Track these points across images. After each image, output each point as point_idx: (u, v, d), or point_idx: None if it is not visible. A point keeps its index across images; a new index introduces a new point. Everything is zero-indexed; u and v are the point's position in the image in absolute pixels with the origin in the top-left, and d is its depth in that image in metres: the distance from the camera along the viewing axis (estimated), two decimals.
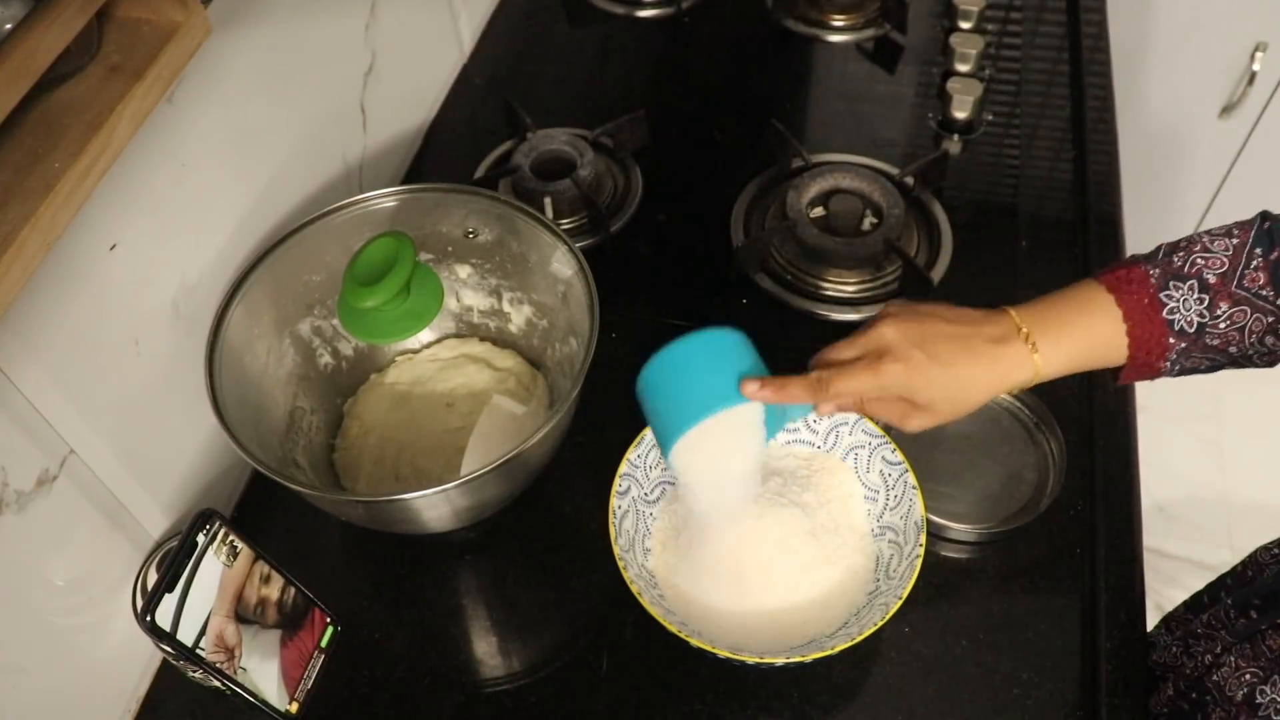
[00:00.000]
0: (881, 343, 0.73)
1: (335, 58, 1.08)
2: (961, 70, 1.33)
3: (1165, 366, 0.75)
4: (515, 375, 1.04)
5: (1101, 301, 0.74)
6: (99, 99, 0.68)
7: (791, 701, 0.85)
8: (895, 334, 0.73)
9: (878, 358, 0.72)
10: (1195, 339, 0.73)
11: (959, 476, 0.98)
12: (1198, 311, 0.73)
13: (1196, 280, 0.73)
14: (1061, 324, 0.74)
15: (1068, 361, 0.74)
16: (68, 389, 0.75)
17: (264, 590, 0.82)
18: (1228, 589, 0.94)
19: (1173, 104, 1.89)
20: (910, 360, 0.72)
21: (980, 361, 0.73)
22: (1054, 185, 1.25)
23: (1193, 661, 0.89)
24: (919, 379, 0.72)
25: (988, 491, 0.96)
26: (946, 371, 0.72)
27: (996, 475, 0.98)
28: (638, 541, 0.88)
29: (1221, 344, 0.74)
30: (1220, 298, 0.73)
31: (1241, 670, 0.81)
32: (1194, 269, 0.73)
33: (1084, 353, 0.74)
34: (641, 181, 1.24)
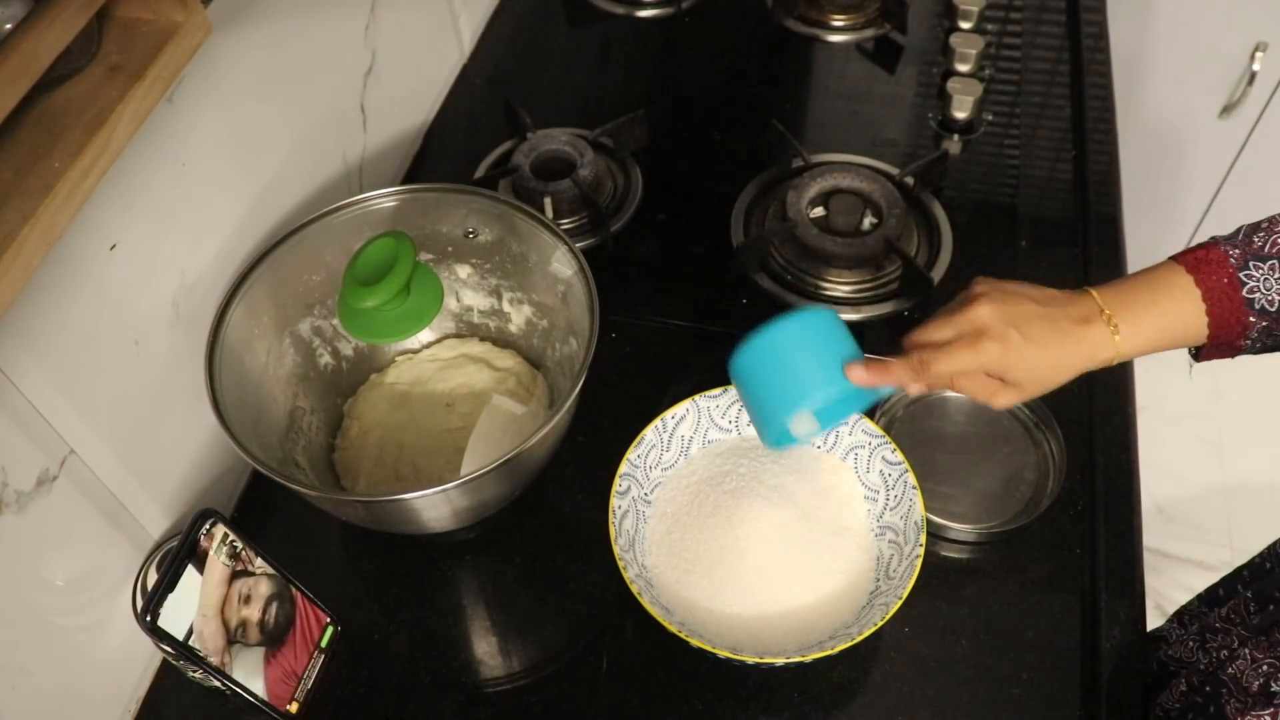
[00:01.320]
0: (978, 323, 0.74)
1: (335, 58, 1.08)
2: (961, 70, 1.33)
3: (1245, 345, 0.76)
4: (515, 375, 1.04)
5: (1181, 283, 0.75)
6: (99, 99, 0.68)
7: (792, 702, 0.85)
8: (991, 314, 0.74)
9: (975, 338, 0.74)
10: (1277, 317, 0.74)
11: (959, 476, 0.97)
12: (1278, 290, 0.73)
13: (1278, 260, 0.74)
14: (1142, 304, 0.75)
15: (1148, 342, 0.75)
16: (68, 389, 0.75)
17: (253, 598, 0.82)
18: (1245, 582, 0.94)
19: (1173, 104, 1.89)
20: (1007, 340, 0.73)
21: (1067, 342, 0.74)
22: (1054, 185, 1.24)
23: (1208, 657, 0.89)
24: (1013, 358, 0.74)
25: (988, 491, 0.96)
26: (1039, 352, 0.74)
27: (996, 475, 0.98)
28: (638, 542, 0.88)
29: None
30: None
31: (1259, 662, 0.81)
32: (1274, 248, 0.74)
33: (1164, 333, 0.75)
34: (641, 181, 1.23)
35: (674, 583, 0.87)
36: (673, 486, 0.92)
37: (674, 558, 0.88)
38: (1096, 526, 0.93)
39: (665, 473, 0.93)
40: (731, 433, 0.95)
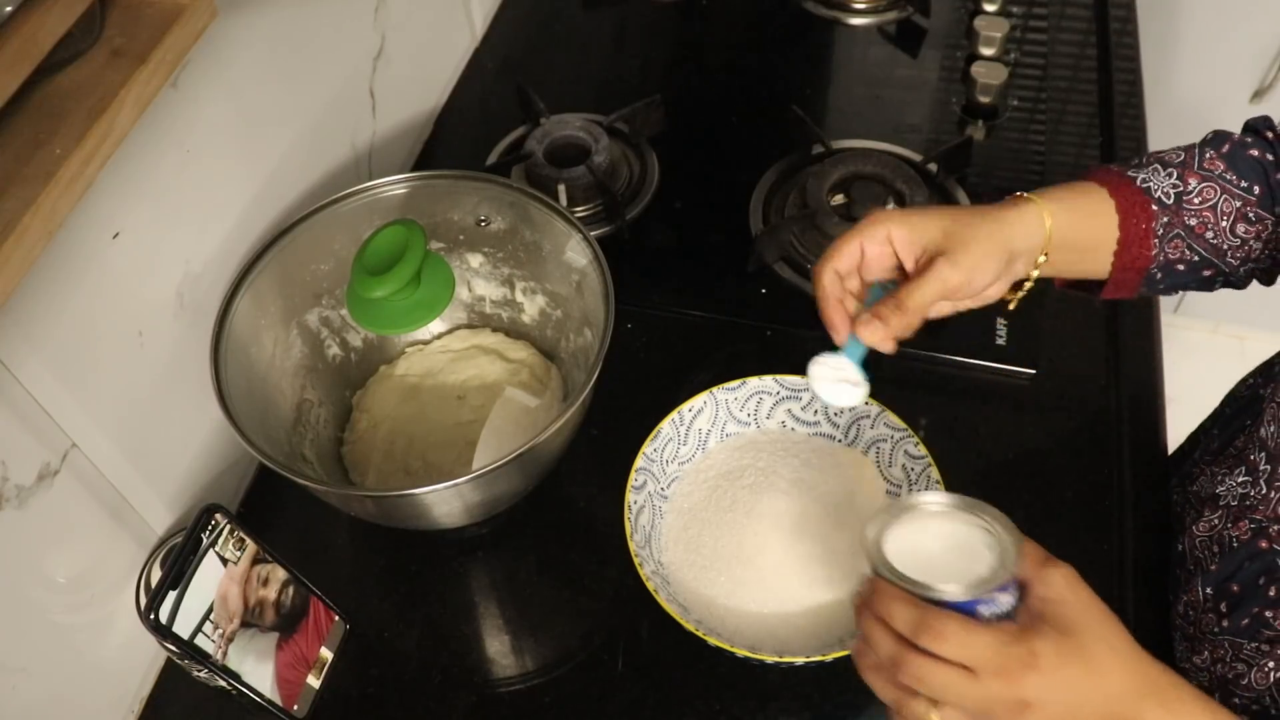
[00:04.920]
0: (884, 213, 0.76)
1: (344, 41, 1.07)
2: (986, 54, 1.31)
3: (1154, 245, 0.80)
4: (528, 367, 1.03)
5: (1085, 185, 0.81)
6: (101, 84, 0.68)
7: (812, 701, 0.84)
8: (893, 210, 0.77)
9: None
10: (1175, 211, 0.80)
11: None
12: (1170, 184, 0.80)
13: (1159, 163, 0.81)
14: (1054, 191, 0.80)
15: (1069, 224, 0.79)
16: (69, 381, 0.75)
17: (262, 591, 0.81)
18: (1210, 423, 0.99)
19: (1203, 88, 1.87)
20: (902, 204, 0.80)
21: (1002, 221, 0.76)
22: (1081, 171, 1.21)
23: (1181, 496, 0.92)
24: (919, 218, 0.76)
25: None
26: (973, 215, 0.76)
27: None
28: (654, 537, 0.87)
29: (1199, 226, 0.80)
30: (1188, 174, 0.80)
31: (1214, 474, 0.85)
32: (1152, 158, 0.82)
33: (1083, 217, 0.80)
34: (658, 168, 1.22)
35: (691, 580, 0.86)
36: (690, 481, 0.92)
37: (691, 554, 0.87)
38: (1125, 523, 0.92)
39: (682, 467, 0.92)
40: (750, 426, 0.94)
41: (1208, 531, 0.82)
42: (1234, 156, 0.80)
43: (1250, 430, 0.82)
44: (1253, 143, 0.81)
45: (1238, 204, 0.80)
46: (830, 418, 0.92)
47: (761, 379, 0.92)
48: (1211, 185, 0.80)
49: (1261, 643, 0.75)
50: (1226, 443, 0.88)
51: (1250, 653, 0.76)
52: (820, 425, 0.93)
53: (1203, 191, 0.80)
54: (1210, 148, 0.81)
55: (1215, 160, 0.80)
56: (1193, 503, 0.88)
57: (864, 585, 0.63)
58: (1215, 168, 0.80)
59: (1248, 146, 0.81)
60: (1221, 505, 0.82)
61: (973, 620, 0.58)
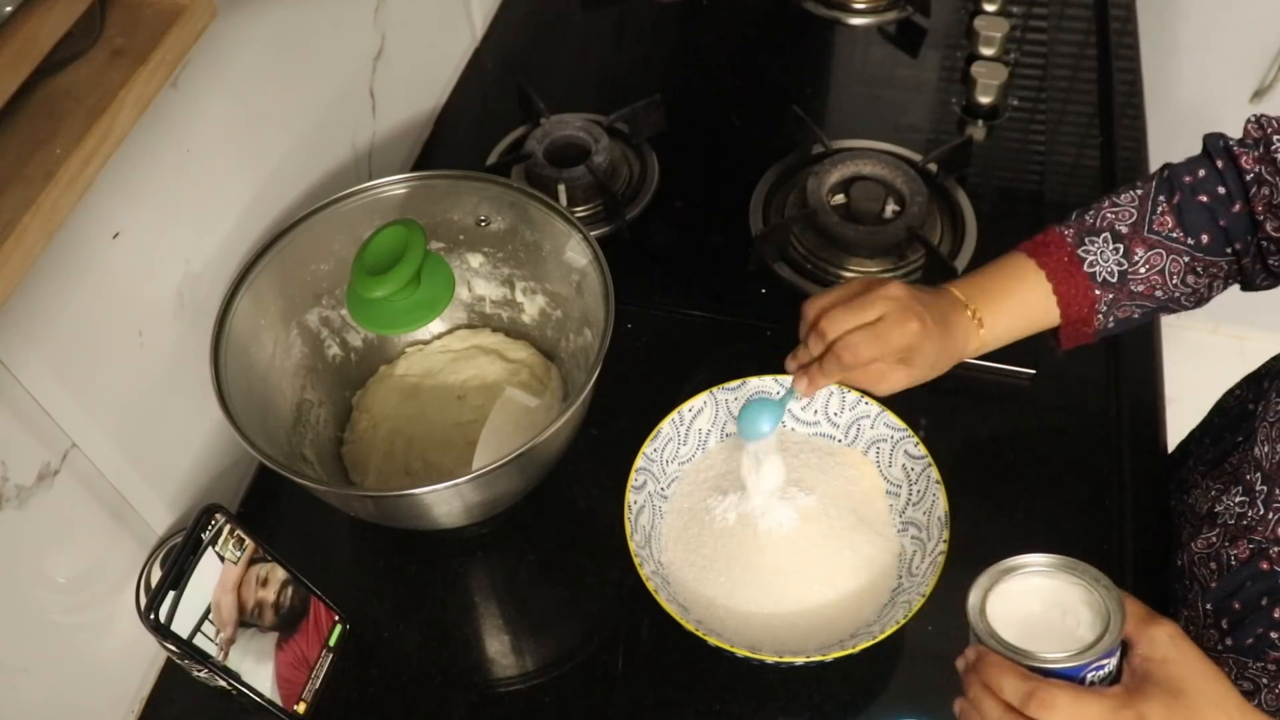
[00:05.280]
0: (901, 300, 0.78)
1: (344, 41, 1.07)
2: (986, 54, 1.31)
3: (1098, 320, 0.83)
4: (528, 367, 1.03)
5: (1028, 268, 0.83)
6: (101, 84, 0.68)
7: (812, 702, 0.84)
8: (905, 293, 0.78)
9: (902, 316, 0.77)
10: (1120, 287, 0.82)
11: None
12: (1115, 261, 0.82)
13: (1109, 232, 0.82)
14: (998, 293, 0.82)
15: (1008, 329, 0.82)
16: (69, 381, 0.74)
17: (261, 592, 0.81)
18: (1199, 435, 1.00)
19: (1203, 88, 1.87)
20: (924, 320, 0.77)
21: (949, 331, 0.80)
22: (1081, 172, 1.23)
23: (1178, 504, 0.92)
24: (926, 337, 0.78)
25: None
26: (941, 335, 0.79)
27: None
28: (654, 537, 0.87)
29: (1146, 289, 0.82)
30: (1135, 244, 0.81)
31: (1209, 488, 0.86)
32: (1105, 223, 0.83)
33: (1021, 318, 0.83)
34: (658, 168, 1.22)
35: (691, 580, 0.86)
36: (690, 481, 0.91)
37: (691, 554, 0.87)
38: (1125, 524, 0.92)
39: (682, 467, 0.92)
40: None
41: (1206, 549, 0.82)
42: (1183, 209, 0.81)
43: (1244, 448, 0.82)
44: (1205, 179, 0.81)
45: (1185, 259, 0.82)
46: (830, 417, 0.92)
47: (761, 379, 0.92)
48: (1158, 251, 0.81)
49: (1268, 663, 0.75)
50: (1220, 457, 0.88)
51: (1256, 672, 0.75)
52: (820, 425, 0.93)
53: (1149, 259, 0.81)
54: (1163, 196, 0.82)
55: (1165, 216, 0.81)
56: (1189, 517, 0.88)
57: (969, 651, 0.64)
58: (1164, 226, 0.81)
59: (1199, 190, 0.81)
60: (1219, 524, 0.82)
61: (1080, 688, 0.59)
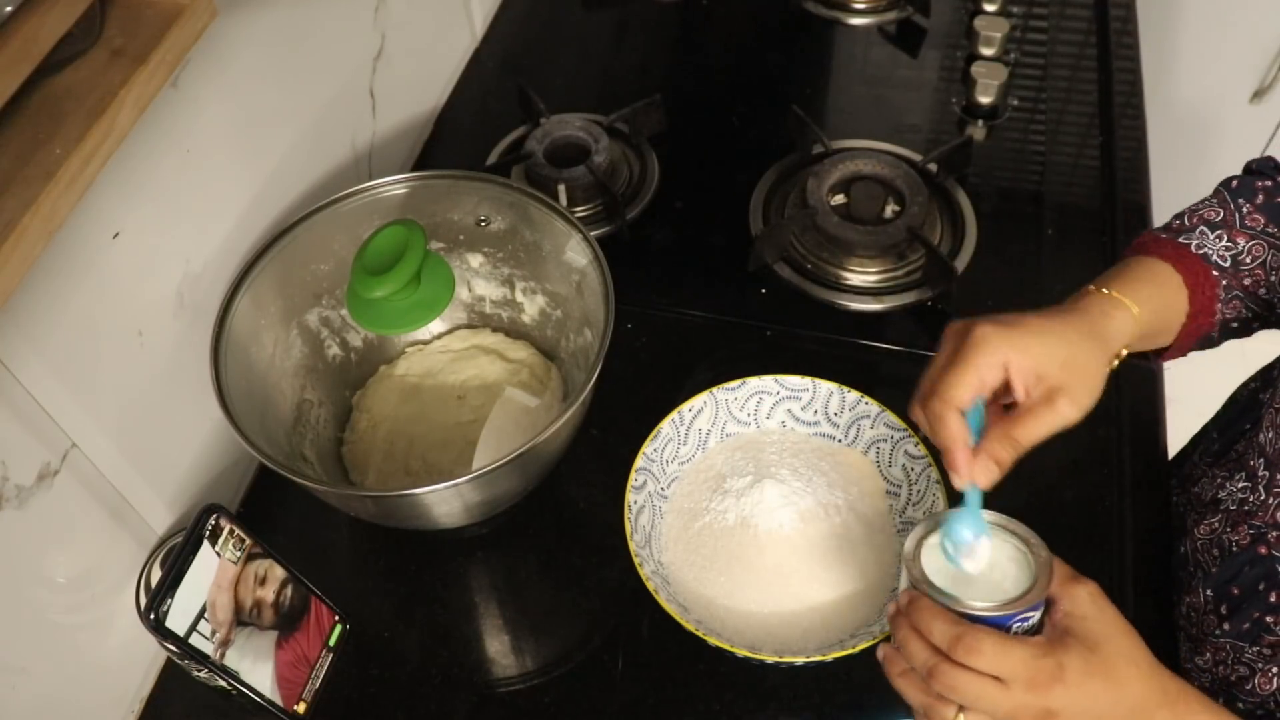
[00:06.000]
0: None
1: (344, 41, 1.07)
2: (986, 54, 1.31)
3: (1219, 309, 0.80)
4: (528, 367, 1.02)
5: (1148, 262, 0.79)
6: (101, 84, 0.67)
7: (812, 702, 0.84)
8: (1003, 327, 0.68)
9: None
10: (1233, 274, 0.79)
11: None
12: (1224, 246, 0.80)
13: (1205, 225, 0.80)
14: (1134, 282, 0.77)
15: (1155, 313, 0.77)
16: (69, 381, 0.74)
17: (260, 591, 0.81)
18: (1209, 428, 0.99)
19: (1203, 88, 1.87)
20: (1064, 337, 0.70)
21: (1094, 332, 0.72)
22: (1081, 172, 1.23)
23: (1184, 495, 0.92)
24: (1077, 352, 0.70)
25: None
26: (1092, 341, 0.71)
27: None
28: (654, 537, 0.87)
29: (1252, 284, 0.80)
30: (1234, 233, 0.80)
31: (1215, 476, 0.86)
32: (1197, 220, 0.81)
33: (1163, 302, 0.78)
34: (658, 168, 1.22)
35: (691, 580, 0.86)
36: (690, 481, 0.91)
37: (691, 554, 0.87)
38: (1125, 523, 0.91)
39: (682, 467, 0.92)
40: (750, 426, 0.93)
41: (1208, 535, 0.82)
42: (1272, 209, 0.80)
43: (1250, 435, 0.82)
44: (1274, 188, 0.80)
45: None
46: (830, 418, 0.92)
47: (761, 379, 0.92)
48: (1259, 243, 0.80)
49: (1263, 647, 0.75)
50: (1227, 446, 0.88)
51: (1252, 657, 0.76)
52: (820, 425, 0.93)
53: (1252, 250, 0.80)
54: (1244, 200, 0.81)
55: (1255, 215, 0.80)
56: (1194, 505, 0.88)
57: (900, 596, 0.65)
58: (1257, 223, 0.80)
59: (1273, 193, 0.80)
60: (1222, 509, 0.82)
61: (1006, 635, 0.61)
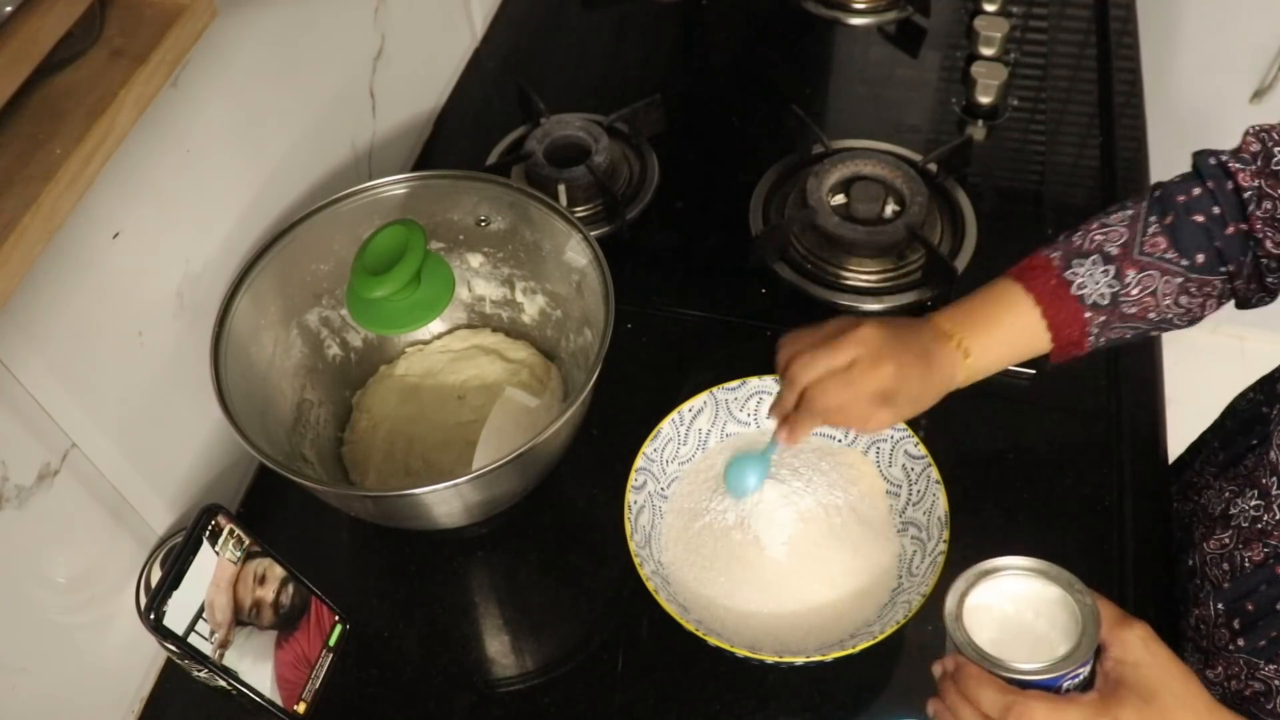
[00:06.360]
0: (871, 344, 0.75)
1: (344, 41, 1.07)
2: (986, 54, 1.31)
3: (1090, 341, 0.79)
4: (528, 367, 1.02)
5: (1015, 294, 0.79)
6: (101, 83, 0.67)
7: (812, 702, 0.84)
8: (877, 334, 0.76)
9: (875, 361, 0.74)
10: (1111, 309, 0.78)
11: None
12: (1106, 283, 0.77)
13: (1098, 254, 0.78)
14: (985, 322, 0.78)
15: (998, 358, 0.79)
16: (69, 381, 0.74)
17: (259, 591, 0.81)
18: (1208, 437, 0.98)
19: (1203, 88, 1.86)
20: (901, 359, 0.75)
21: (933, 364, 0.77)
22: (1081, 172, 1.23)
23: (1188, 504, 0.92)
24: (904, 377, 0.75)
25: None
26: (921, 372, 0.76)
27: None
28: (654, 537, 0.87)
29: (1139, 312, 0.78)
30: (1126, 265, 0.77)
31: (1222, 490, 0.85)
32: (1094, 245, 0.79)
33: (1011, 346, 0.79)
34: (658, 168, 1.22)
35: (691, 580, 0.85)
36: (690, 481, 0.91)
37: (691, 554, 0.87)
38: (1125, 524, 0.91)
39: (682, 467, 0.92)
40: (750, 425, 0.93)
41: (1219, 550, 0.82)
42: (1177, 229, 0.77)
43: (1259, 451, 0.81)
44: (1199, 198, 0.77)
45: (1179, 280, 0.77)
46: None
47: (761, 379, 0.92)
48: (1150, 272, 0.77)
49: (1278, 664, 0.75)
50: (1233, 459, 0.87)
51: (1269, 674, 0.75)
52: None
53: (1141, 281, 0.77)
54: (1154, 217, 0.78)
55: (1158, 238, 0.77)
56: (1202, 518, 0.87)
57: (947, 660, 0.65)
58: (1156, 248, 0.77)
59: (1193, 209, 0.77)
60: (1233, 526, 0.81)
61: (1056, 698, 0.60)
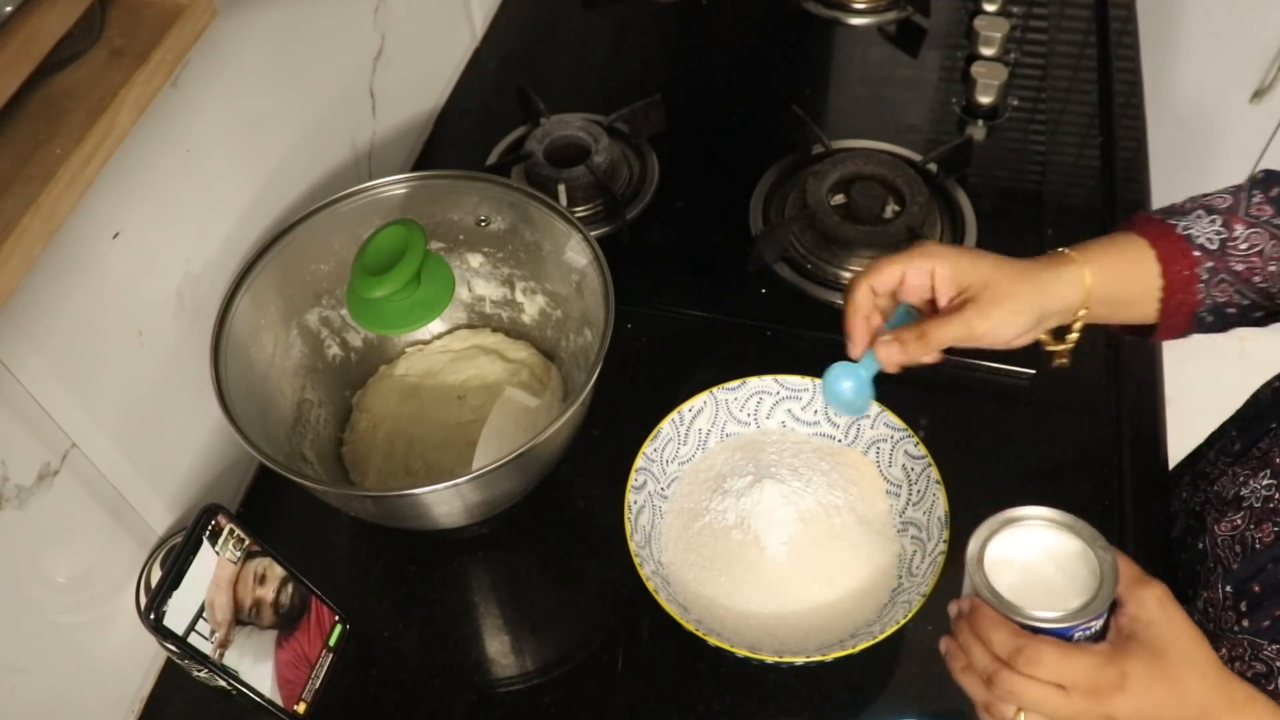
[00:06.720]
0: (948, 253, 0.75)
1: (344, 41, 1.07)
2: (986, 54, 1.31)
3: (1200, 290, 0.78)
4: (528, 367, 1.02)
5: (1120, 235, 0.80)
6: (101, 84, 0.67)
7: (812, 702, 0.84)
8: (953, 249, 0.76)
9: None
10: (1220, 256, 0.78)
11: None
12: (1214, 230, 0.78)
13: (1203, 209, 0.79)
14: (1096, 247, 0.78)
15: (1109, 282, 0.78)
16: (69, 381, 0.74)
17: (259, 591, 0.81)
18: (1227, 427, 0.97)
19: (1203, 88, 1.86)
20: (982, 256, 0.75)
21: (1026, 267, 0.76)
22: (1081, 172, 1.22)
23: (1200, 494, 0.91)
24: (998, 273, 0.74)
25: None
26: (1022, 271, 0.75)
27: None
28: (654, 537, 0.87)
29: (1246, 271, 0.78)
30: (1233, 221, 0.78)
31: (1237, 475, 0.84)
32: (1196, 204, 0.80)
33: (1123, 272, 0.78)
34: (658, 168, 1.22)
35: (691, 580, 0.85)
36: (690, 481, 0.91)
37: (691, 554, 0.87)
38: (1125, 522, 0.91)
39: (682, 467, 0.91)
40: (750, 426, 0.93)
41: (1229, 531, 0.82)
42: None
43: (1275, 433, 0.81)
44: None
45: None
46: (830, 418, 0.92)
47: (761, 379, 0.92)
48: (1258, 231, 0.78)
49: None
50: (1250, 444, 0.87)
51: (1271, 655, 0.75)
52: (820, 425, 0.93)
53: (1249, 238, 0.78)
54: (1259, 190, 0.79)
55: (1264, 205, 0.79)
56: (1214, 503, 0.87)
57: (963, 600, 0.65)
58: (1263, 213, 0.78)
59: None
60: (1245, 507, 0.81)
61: (1067, 645, 0.61)
